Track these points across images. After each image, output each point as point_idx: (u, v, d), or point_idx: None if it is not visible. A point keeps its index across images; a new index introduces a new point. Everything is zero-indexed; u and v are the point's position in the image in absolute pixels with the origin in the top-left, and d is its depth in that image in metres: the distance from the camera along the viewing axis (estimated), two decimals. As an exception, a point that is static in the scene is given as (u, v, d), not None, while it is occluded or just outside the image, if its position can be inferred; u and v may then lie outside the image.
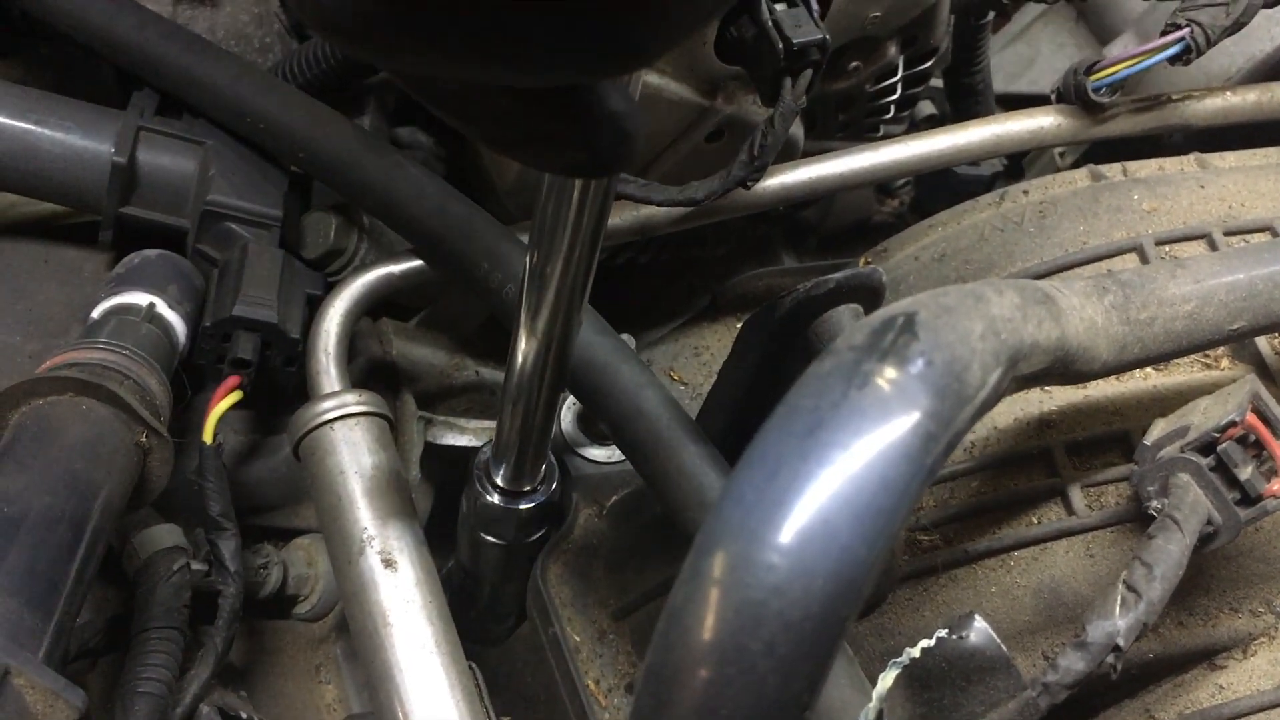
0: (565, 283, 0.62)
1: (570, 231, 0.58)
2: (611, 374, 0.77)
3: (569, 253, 0.60)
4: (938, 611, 0.78)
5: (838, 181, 1.00)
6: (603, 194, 0.57)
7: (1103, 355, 0.61)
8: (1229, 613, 0.76)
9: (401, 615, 0.73)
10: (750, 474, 0.41)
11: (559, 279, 0.61)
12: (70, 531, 0.68)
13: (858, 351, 0.44)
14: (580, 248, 0.60)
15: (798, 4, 0.86)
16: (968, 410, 0.44)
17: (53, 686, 0.60)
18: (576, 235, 0.59)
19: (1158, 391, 0.80)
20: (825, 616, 0.39)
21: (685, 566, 0.42)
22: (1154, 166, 0.98)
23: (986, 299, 0.49)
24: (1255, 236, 0.88)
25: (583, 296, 0.64)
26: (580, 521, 0.93)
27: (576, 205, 0.57)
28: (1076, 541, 0.77)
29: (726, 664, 0.40)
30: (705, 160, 0.97)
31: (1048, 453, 0.79)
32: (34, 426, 0.71)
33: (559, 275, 0.61)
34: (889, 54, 1.03)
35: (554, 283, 0.62)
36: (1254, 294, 0.65)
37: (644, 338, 1.15)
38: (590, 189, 0.56)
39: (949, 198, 1.04)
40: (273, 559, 0.93)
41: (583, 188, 0.56)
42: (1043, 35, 1.37)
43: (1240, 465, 0.65)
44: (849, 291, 0.74)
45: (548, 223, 0.59)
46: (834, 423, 0.41)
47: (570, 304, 0.63)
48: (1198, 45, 0.95)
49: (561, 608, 0.90)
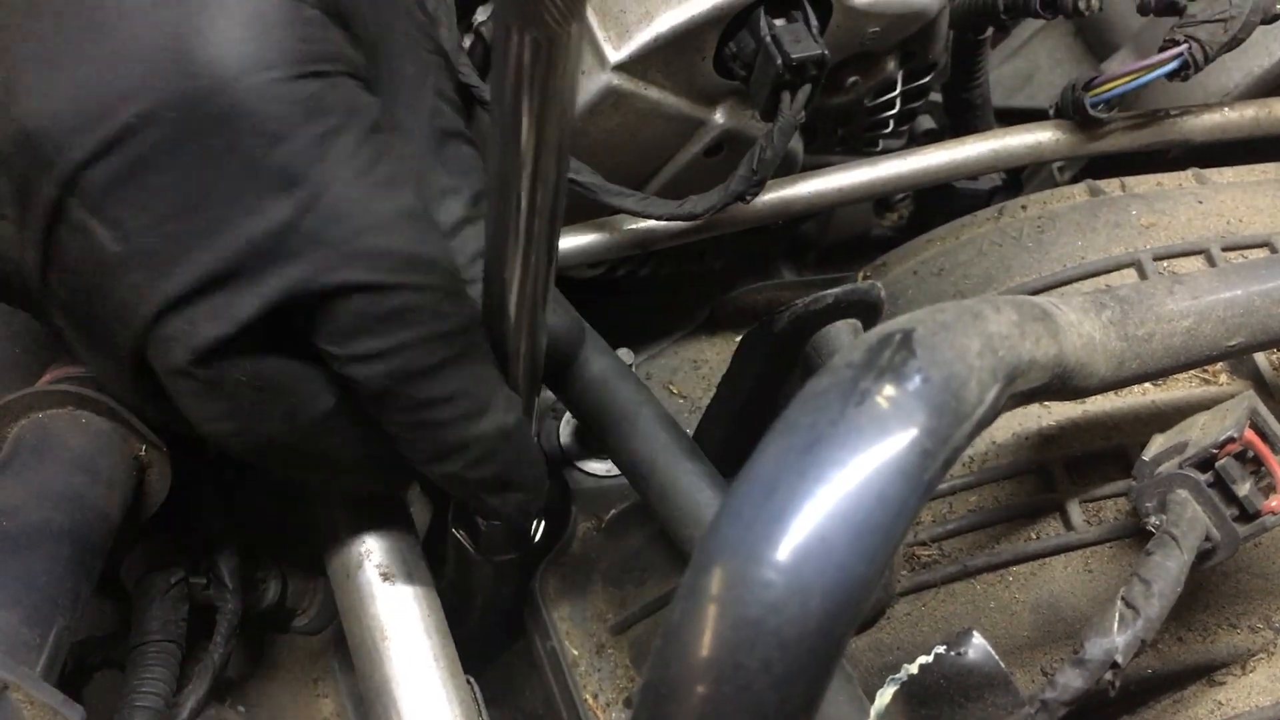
0: (524, 296, 0.62)
1: (523, 245, 0.58)
2: (609, 392, 0.77)
3: (524, 264, 0.60)
4: (936, 627, 0.78)
5: (837, 196, 1.00)
6: (551, 203, 0.57)
7: (1100, 371, 0.61)
8: (1228, 629, 0.75)
9: (399, 629, 0.73)
10: (747, 491, 0.41)
11: (517, 293, 0.62)
12: (68, 545, 0.68)
13: (855, 369, 0.44)
14: (535, 259, 0.60)
15: (796, 19, 0.87)
16: (965, 427, 0.44)
17: (50, 701, 0.59)
18: (530, 248, 0.59)
19: (1156, 407, 0.80)
20: (822, 634, 0.39)
21: (683, 583, 0.42)
22: (1152, 182, 0.98)
23: (984, 316, 0.49)
24: (1254, 252, 0.88)
25: (543, 310, 0.64)
26: (579, 535, 0.93)
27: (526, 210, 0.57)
28: (1075, 557, 0.77)
29: (723, 681, 0.40)
30: (704, 174, 0.97)
31: (1046, 468, 0.79)
32: (32, 440, 0.72)
33: (516, 288, 0.61)
34: (888, 69, 1.03)
35: (513, 296, 0.62)
36: (1252, 310, 0.65)
37: (642, 351, 1.15)
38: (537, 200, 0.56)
39: (948, 212, 1.05)
40: (271, 572, 0.93)
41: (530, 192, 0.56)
42: (1041, 50, 1.37)
43: (1238, 481, 0.65)
44: (847, 307, 0.74)
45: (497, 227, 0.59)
46: (831, 440, 0.41)
47: (534, 309, 0.63)
48: (1195, 61, 0.95)
49: (560, 621, 0.90)
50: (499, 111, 0.52)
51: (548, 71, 0.49)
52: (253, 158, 0.55)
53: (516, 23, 0.47)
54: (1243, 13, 0.94)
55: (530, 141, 0.52)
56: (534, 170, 0.54)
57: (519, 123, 0.52)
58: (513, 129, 0.52)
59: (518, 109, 0.51)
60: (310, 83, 0.57)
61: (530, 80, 0.49)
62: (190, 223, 0.56)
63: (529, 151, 0.53)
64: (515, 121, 0.51)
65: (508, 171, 0.54)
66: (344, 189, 0.57)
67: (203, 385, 0.59)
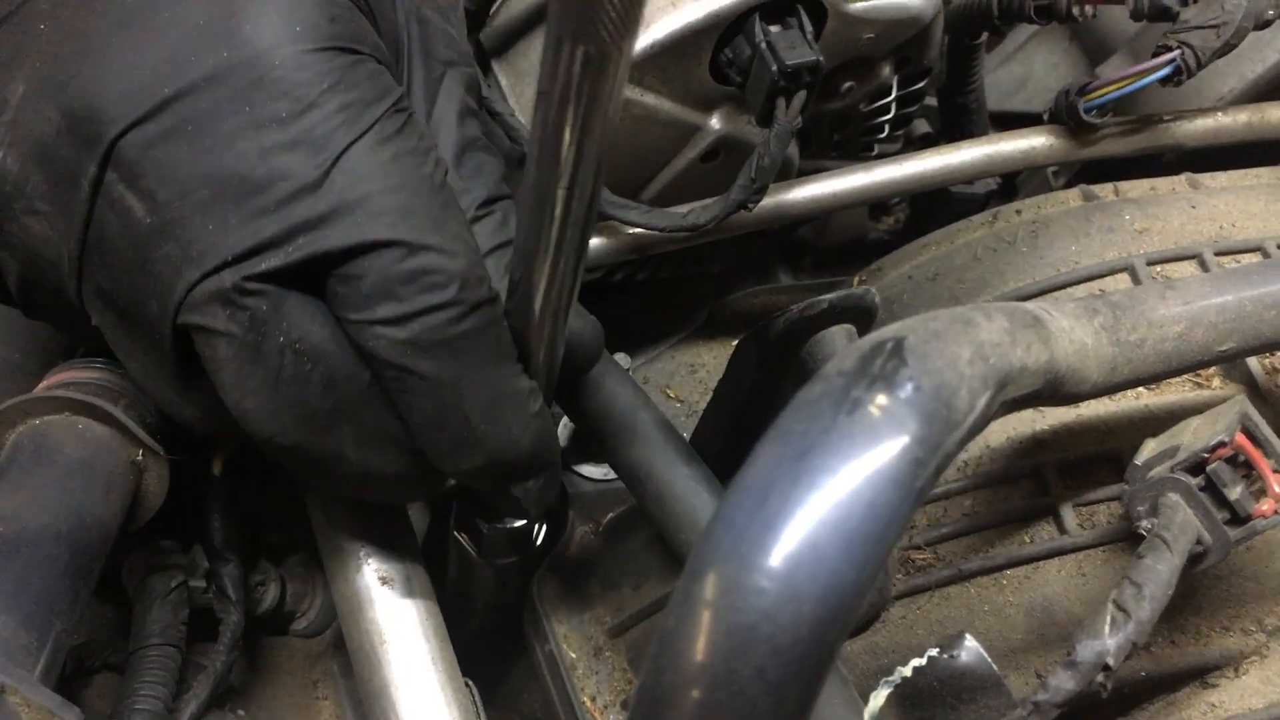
0: (549, 302, 0.62)
1: (553, 252, 0.59)
2: (606, 396, 0.78)
3: (551, 271, 0.60)
4: (930, 630, 0.79)
5: (832, 201, 1.01)
6: (584, 213, 0.57)
7: (1093, 377, 0.61)
8: (1220, 632, 0.76)
9: (398, 632, 0.74)
10: (740, 498, 0.42)
11: (542, 297, 0.62)
12: (66, 550, 0.68)
13: (847, 377, 0.44)
14: (564, 266, 0.60)
15: (791, 26, 0.87)
16: (956, 435, 0.44)
17: (48, 705, 0.60)
18: (559, 255, 0.59)
19: (1149, 411, 0.81)
20: (814, 641, 0.39)
21: (677, 589, 0.43)
22: (1146, 187, 0.99)
23: (975, 323, 0.50)
24: (1246, 257, 0.89)
25: (565, 317, 0.64)
26: (576, 539, 0.94)
27: (559, 224, 0.57)
28: (1068, 560, 0.77)
29: (717, 687, 0.40)
30: (701, 179, 0.98)
31: (1040, 472, 0.79)
32: (30, 446, 0.72)
33: (543, 293, 0.62)
34: (883, 74, 1.03)
35: (538, 300, 0.62)
36: (1243, 315, 0.66)
37: (640, 355, 1.16)
38: (571, 209, 0.56)
39: (943, 217, 1.05)
40: (270, 575, 0.93)
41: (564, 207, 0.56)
42: (1037, 54, 1.38)
43: (1229, 485, 0.65)
44: (841, 312, 0.75)
45: (528, 241, 0.59)
46: (823, 448, 0.42)
47: (557, 316, 0.64)
48: (1188, 67, 0.95)
49: (557, 625, 0.90)
50: (541, 120, 0.52)
51: (596, 85, 0.49)
52: (281, 122, 0.57)
53: (570, 35, 0.47)
54: (1235, 18, 0.95)
55: (571, 152, 0.53)
56: (571, 180, 0.54)
57: (561, 133, 0.52)
58: (554, 139, 0.52)
59: (561, 120, 0.51)
60: (338, 56, 0.59)
61: (578, 93, 0.49)
62: (217, 189, 0.57)
63: (569, 161, 0.53)
64: (558, 131, 0.52)
65: (545, 179, 0.55)
66: (368, 154, 0.59)
67: (243, 349, 0.59)
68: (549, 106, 0.51)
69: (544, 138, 0.53)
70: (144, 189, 0.58)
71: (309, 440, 0.63)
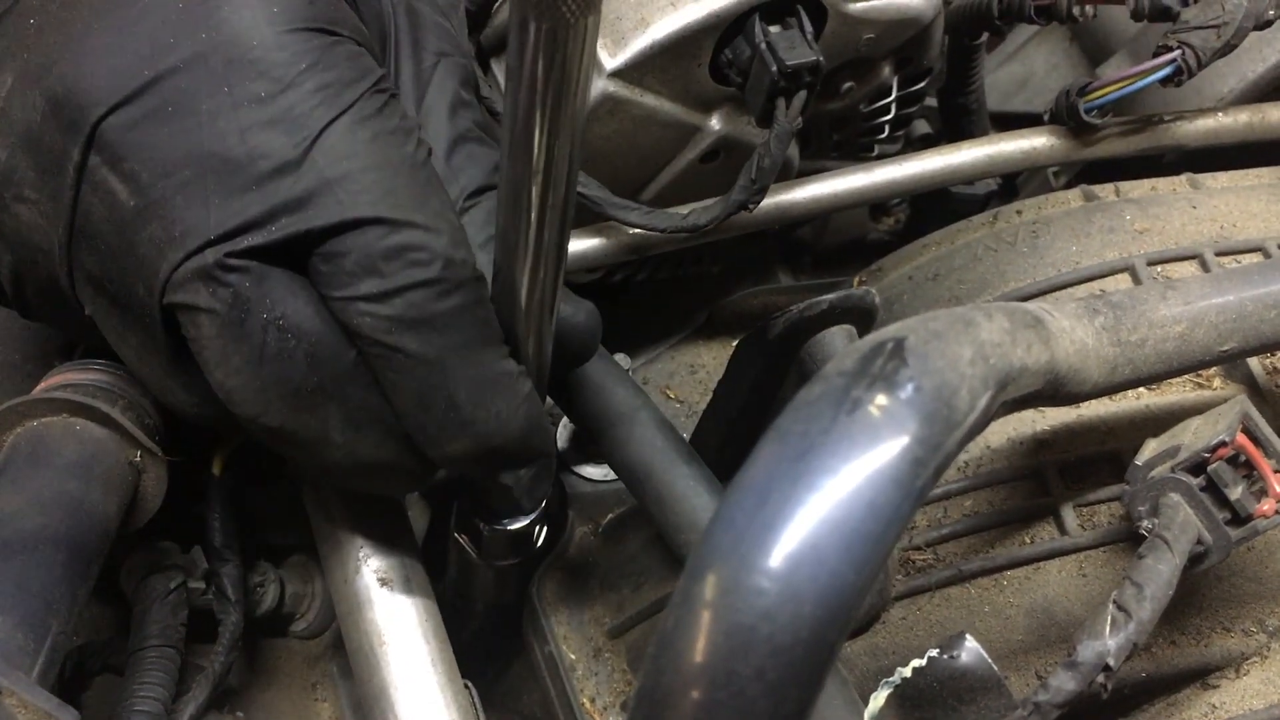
0: (534, 290, 0.62)
1: (534, 238, 0.58)
2: (605, 396, 0.78)
3: (534, 258, 0.60)
4: (931, 631, 0.79)
5: (832, 202, 1.01)
6: (563, 194, 0.57)
7: (1093, 377, 0.61)
8: (1221, 632, 0.76)
9: (397, 634, 0.74)
10: (740, 499, 0.42)
11: (527, 285, 0.62)
12: (64, 552, 0.68)
13: (847, 377, 0.44)
14: (546, 250, 0.60)
15: (791, 26, 0.87)
16: (956, 435, 0.44)
17: (45, 706, 0.60)
18: (540, 240, 0.59)
19: (1150, 411, 0.81)
20: (814, 642, 0.39)
21: (677, 590, 0.43)
22: (1146, 187, 0.99)
23: (976, 324, 0.49)
24: (1247, 257, 0.89)
25: (552, 306, 0.64)
26: (576, 539, 0.94)
27: (537, 208, 0.57)
28: (1069, 561, 0.77)
29: (717, 688, 0.40)
30: (701, 179, 0.98)
31: (1040, 472, 0.79)
32: (28, 447, 0.72)
33: (527, 280, 0.61)
34: (883, 75, 1.03)
35: (523, 289, 0.62)
36: (1244, 315, 0.66)
37: (640, 355, 1.15)
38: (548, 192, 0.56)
39: (943, 217, 1.05)
40: (269, 576, 0.93)
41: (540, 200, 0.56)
42: (1037, 55, 1.38)
43: (1230, 485, 0.65)
44: (841, 313, 0.75)
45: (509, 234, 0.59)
46: (823, 448, 0.41)
47: (542, 309, 0.63)
48: (1189, 67, 0.95)
49: (557, 626, 0.90)
50: (511, 104, 0.52)
51: (563, 64, 0.49)
52: (260, 101, 0.58)
53: (533, 13, 0.47)
54: (1236, 18, 0.95)
55: (543, 135, 0.53)
56: (546, 164, 0.54)
57: (531, 114, 0.52)
58: (525, 121, 0.52)
59: (531, 101, 0.51)
60: (316, 37, 0.60)
61: (546, 73, 0.49)
62: (199, 169, 0.58)
63: (541, 144, 0.53)
64: (529, 113, 0.52)
65: (519, 166, 0.54)
66: (347, 132, 0.59)
67: (226, 326, 0.59)
68: (518, 88, 0.51)
69: (515, 120, 0.53)
70: (127, 171, 0.59)
71: (294, 419, 0.63)
